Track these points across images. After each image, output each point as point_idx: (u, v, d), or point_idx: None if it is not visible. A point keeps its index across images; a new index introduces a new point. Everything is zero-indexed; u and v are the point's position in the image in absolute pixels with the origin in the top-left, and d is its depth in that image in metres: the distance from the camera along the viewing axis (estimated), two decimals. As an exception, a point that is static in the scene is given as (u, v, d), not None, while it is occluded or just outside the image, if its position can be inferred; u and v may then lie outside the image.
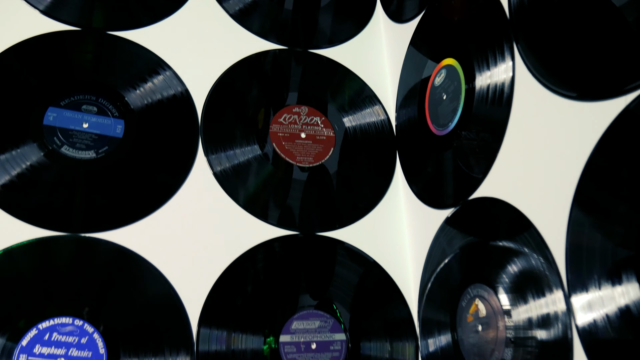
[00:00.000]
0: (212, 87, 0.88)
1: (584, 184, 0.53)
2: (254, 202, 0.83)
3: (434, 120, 0.82)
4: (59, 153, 0.76)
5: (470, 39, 0.75)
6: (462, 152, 0.74)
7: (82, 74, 0.81)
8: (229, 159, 0.84)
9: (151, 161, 0.80)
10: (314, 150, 0.88)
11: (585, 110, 0.54)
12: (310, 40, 0.98)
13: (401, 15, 0.97)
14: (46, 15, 0.84)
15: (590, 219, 0.52)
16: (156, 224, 0.77)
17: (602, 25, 0.54)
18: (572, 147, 0.56)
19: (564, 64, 0.58)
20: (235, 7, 0.95)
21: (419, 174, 0.86)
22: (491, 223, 0.68)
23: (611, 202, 0.49)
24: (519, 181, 0.63)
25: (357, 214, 0.87)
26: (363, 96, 0.96)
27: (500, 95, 0.68)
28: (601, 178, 0.52)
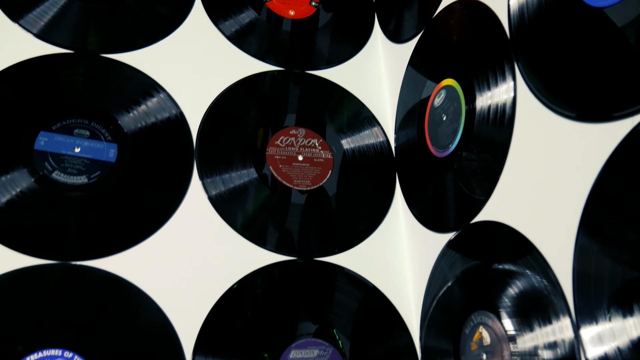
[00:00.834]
0: (207, 109, 0.86)
1: (590, 209, 0.51)
2: (251, 227, 0.80)
3: (434, 142, 0.80)
4: (50, 179, 0.74)
5: (469, 59, 0.74)
6: (463, 173, 0.73)
7: (74, 97, 0.80)
8: (224, 182, 0.82)
9: (145, 186, 0.78)
10: (312, 173, 0.86)
11: (591, 132, 0.52)
12: (308, 61, 0.97)
13: (399, 35, 0.95)
14: (40, 39, 0.82)
15: (597, 245, 0.49)
16: (149, 251, 0.75)
17: (604, 45, 0.53)
18: (578, 169, 0.54)
19: (566, 84, 0.57)
20: (231, 29, 0.94)
21: (419, 197, 0.84)
22: (494, 247, 0.66)
23: (620, 228, 0.47)
24: (522, 204, 0.61)
25: (357, 238, 0.85)
26: (361, 117, 0.94)
27: (501, 116, 0.66)
28: (609, 202, 0.49)
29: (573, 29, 0.56)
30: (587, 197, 0.52)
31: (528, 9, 0.63)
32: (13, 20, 0.82)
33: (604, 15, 0.53)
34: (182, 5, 0.93)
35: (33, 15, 0.84)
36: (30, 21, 0.83)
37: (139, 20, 0.89)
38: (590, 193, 0.51)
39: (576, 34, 0.56)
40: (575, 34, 0.56)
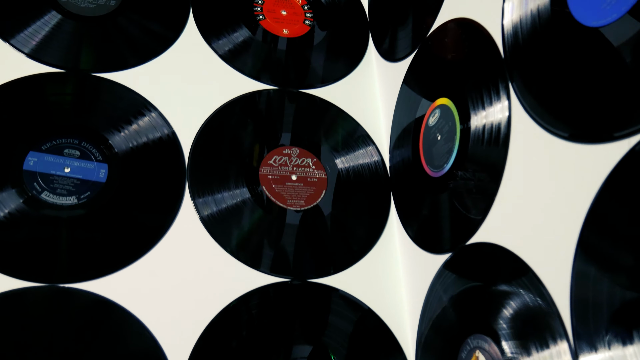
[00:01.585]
0: (200, 128, 0.85)
1: (587, 231, 0.50)
2: (243, 248, 0.79)
3: (429, 162, 0.79)
4: (39, 199, 0.73)
5: (464, 78, 0.73)
6: (459, 192, 0.72)
7: (65, 116, 0.79)
8: (216, 202, 0.81)
9: (135, 207, 0.77)
10: (306, 193, 0.85)
11: (588, 152, 0.52)
12: (303, 79, 0.96)
13: (394, 53, 0.95)
14: (31, 59, 0.82)
15: (595, 268, 0.48)
16: (140, 274, 0.73)
17: (599, 65, 0.52)
18: (575, 190, 0.53)
19: (562, 104, 0.56)
20: (224, 48, 0.94)
21: (414, 217, 0.83)
22: (490, 269, 0.65)
23: (618, 251, 0.46)
24: (519, 226, 0.60)
25: (351, 259, 0.83)
26: (356, 136, 0.93)
27: (496, 136, 0.65)
28: (606, 224, 0.48)
29: (567, 49, 0.56)
30: (584, 219, 0.51)
31: (522, 28, 0.63)
32: (4, 39, 0.81)
33: (599, 35, 0.52)
34: (175, 24, 0.93)
35: (24, 34, 0.83)
36: (22, 41, 0.83)
37: (132, 39, 0.89)
38: (588, 215, 0.50)
39: (571, 53, 0.55)
40: (570, 54, 0.55)
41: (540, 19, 0.60)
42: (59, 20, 0.86)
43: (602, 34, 0.52)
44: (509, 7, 0.65)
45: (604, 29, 0.52)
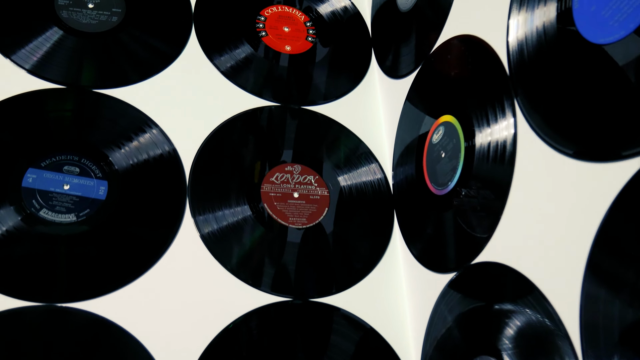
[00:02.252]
0: (201, 145, 0.84)
1: (597, 252, 0.49)
2: (244, 266, 0.78)
3: (433, 179, 0.78)
4: (37, 217, 0.72)
5: (468, 96, 0.72)
6: (463, 210, 0.70)
7: (64, 133, 0.78)
8: (217, 220, 0.80)
9: (135, 225, 0.76)
10: (308, 211, 0.84)
11: (597, 171, 0.51)
12: (305, 96, 0.96)
13: (397, 70, 0.94)
14: (32, 75, 0.81)
15: (605, 291, 0.47)
16: (138, 292, 0.72)
17: (607, 83, 0.51)
18: (584, 210, 0.51)
19: (569, 122, 0.55)
20: (227, 64, 0.93)
21: (418, 236, 0.81)
22: (496, 289, 0.63)
23: (629, 273, 0.45)
24: (526, 245, 0.59)
25: (354, 278, 0.82)
26: (358, 153, 0.93)
27: (502, 153, 0.64)
28: (617, 245, 0.47)
29: (574, 66, 0.55)
30: (594, 239, 0.49)
31: (527, 45, 0.62)
32: (5, 55, 0.81)
33: (606, 52, 0.51)
34: (177, 40, 0.92)
35: (26, 50, 0.83)
36: (23, 57, 0.82)
37: (133, 55, 0.88)
38: (597, 235, 0.49)
39: (577, 70, 0.55)
40: (577, 71, 0.55)
41: (547, 36, 0.59)
42: (60, 37, 0.85)
43: (609, 52, 0.51)
44: (514, 23, 0.65)
45: (611, 46, 0.51)
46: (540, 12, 0.60)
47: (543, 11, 0.60)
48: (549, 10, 0.59)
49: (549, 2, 0.59)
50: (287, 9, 1.03)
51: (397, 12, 0.96)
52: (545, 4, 0.60)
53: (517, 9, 0.65)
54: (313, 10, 1.05)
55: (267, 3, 1.02)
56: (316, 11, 1.05)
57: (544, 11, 0.60)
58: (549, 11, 0.59)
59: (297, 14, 1.03)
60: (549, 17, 0.59)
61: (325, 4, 1.07)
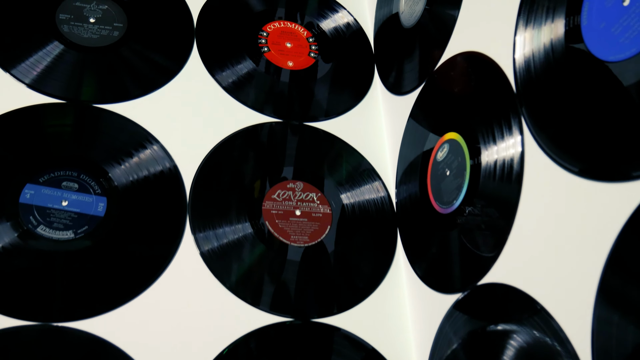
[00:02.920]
0: (202, 161, 0.83)
1: (609, 275, 0.47)
2: (245, 285, 0.76)
3: (437, 198, 0.77)
4: (34, 233, 0.70)
5: (473, 113, 0.71)
6: (467, 229, 0.69)
7: (63, 148, 0.77)
8: (217, 237, 0.78)
9: (134, 242, 0.74)
10: (310, 229, 0.83)
11: (607, 191, 0.49)
12: (307, 112, 0.95)
13: (400, 87, 0.93)
14: (32, 89, 0.80)
15: (619, 316, 0.46)
16: (137, 312, 0.70)
17: (620, 101, 0.50)
18: (595, 230, 0.50)
19: (580, 141, 0.54)
20: (228, 80, 0.93)
21: (422, 255, 0.80)
22: (503, 311, 0.62)
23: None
24: (534, 267, 0.58)
25: (356, 298, 0.80)
26: (361, 170, 0.91)
27: (509, 172, 0.63)
28: (630, 268, 0.46)
29: (583, 83, 0.54)
30: (606, 261, 0.48)
31: (534, 62, 0.61)
32: (5, 70, 0.80)
33: (617, 69, 0.50)
34: (178, 55, 0.92)
35: (26, 65, 0.82)
36: (23, 71, 0.81)
37: (134, 70, 0.87)
38: (609, 257, 0.48)
39: (587, 88, 0.54)
40: (586, 88, 0.54)
41: (554, 53, 0.58)
42: (61, 51, 0.85)
43: (620, 69, 0.50)
44: (521, 40, 0.64)
45: (622, 63, 0.50)
46: (548, 28, 0.59)
47: (551, 28, 0.59)
48: (557, 27, 0.58)
49: (557, 19, 0.58)
50: (290, 25, 1.03)
51: (400, 28, 0.96)
52: (552, 21, 0.59)
53: (523, 25, 0.64)
54: (315, 26, 1.04)
55: (269, 18, 1.02)
56: (319, 27, 1.04)
57: (552, 28, 0.59)
58: (557, 28, 0.58)
59: (300, 29, 1.03)
60: (556, 33, 0.58)
61: (327, 19, 1.06)
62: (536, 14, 0.62)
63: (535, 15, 0.62)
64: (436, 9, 0.85)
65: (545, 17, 0.60)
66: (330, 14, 1.07)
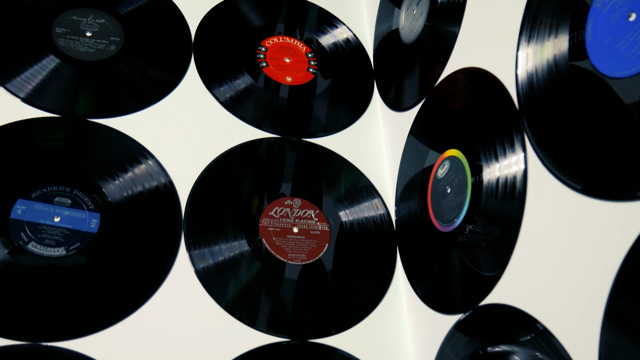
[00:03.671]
0: (198, 177, 0.82)
1: (616, 299, 0.46)
2: (240, 304, 0.74)
3: (438, 216, 0.75)
4: (25, 250, 0.69)
5: (475, 130, 0.70)
6: (469, 248, 0.67)
7: (57, 163, 0.76)
8: (213, 255, 0.76)
9: (127, 260, 0.72)
10: (308, 247, 0.81)
11: (613, 211, 0.48)
12: (305, 128, 0.93)
13: (400, 103, 0.92)
14: (27, 103, 0.79)
15: (628, 341, 0.44)
16: (129, 331, 0.68)
17: (625, 117, 0.49)
18: (602, 251, 0.49)
19: (584, 159, 0.52)
20: (226, 95, 0.91)
21: (423, 275, 0.78)
22: (507, 333, 0.60)
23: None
24: (538, 288, 0.56)
25: (355, 318, 0.78)
26: (360, 187, 0.90)
27: (511, 190, 0.61)
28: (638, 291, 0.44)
29: (589, 100, 0.53)
30: (613, 284, 0.46)
31: (537, 78, 0.60)
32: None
33: (623, 86, 0.49)
34: (176, 70, 0.91)
35: (21, 79, 0.81)
36: (18, 85, 0.80)
37: (131, 85, 0.86)
38: (617, 279, 0.46)
39: (593, 104, 0.52)
40: (592, 105, 0.53)
41: (558, 69, 0.57)
42: (57, 65, 0.84)
43: (626, 85, 0.49)
44: (523, 55, 0.63)
45: (628, 80, 0.49)
46: (551, 44, 0.58)
47: (554, 43, 0.58)
48: (561, 43, 0.57)
49: (561, 34, 0.57)
50: (289, 40, 1.02)
51: (400, 44, 0.95)
52: (556, 36, 0.58)
53: (526, 41, 0.63)
54: (315, 41, 1.03)
55: (268, 33, 1.01)
56: (318, 42, 1.04)
57: (555, 43, 0.58)
58: (561, 43, 0.57)
59: (299, 45, 1.02)
60: (560, 49, 0.57)
61: (327, 35, 1.05)
62: (539, 29, 0.61)
63: (538, 31, 0.61)
64: (436, 25, 0.85)
65: (548, 32, 0.59)
66: (329, 29, 1.06)
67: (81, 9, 0.90)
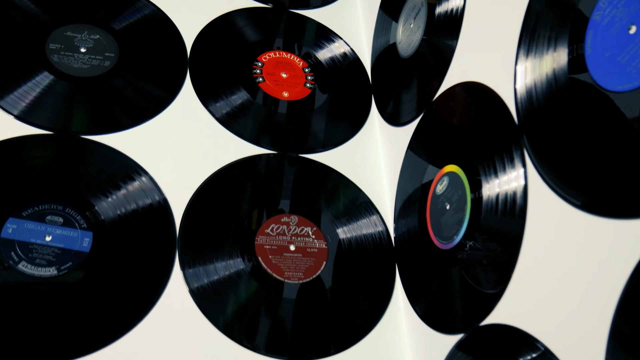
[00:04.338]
0: (193, 194, 0.80)
1: (621, 319, 0.44)
2: (236, 325, 0.73)
3: (437, 233, 0.74)
4: (16, 270, 0.67)
5: (474, 145, 0.69)
6: (469, 264, 0.66)
7: (48, 181, 0.74)
8: (208, 274, 0.75)
9: (119, 280, 0.71)
10: (305, 265, 0.79)
11: (618, 228, 0.46)
12: (303, 144, 0.92)
13: (398, 118, 0.91)
14: (20, 120, 0.78)
15: (635, 363, 0.42)
16: (120, 354, 0.66)
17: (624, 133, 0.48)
18: (606, 270, 0.47)
19: (586, 175, 0.51)
20: (222, 111, 0.90)
21: (422, 293, 0.77)
22: (508, 354, 0.58)
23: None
24: (541, 307, 0.54)
25: (354, 338, 0.76)
26: (358, 204, 0.88)
27: (512, 206, 0.60)
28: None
29: (589, 114, 0.52)
30: (618, 304, 0.45)
31: (537, 92, 0.59)
32: (-9, 101, 0.78)
33: (625, 100, 0.48)
34: (171, 86, 0.90)
35: (14, 96, 0.80)
36: (11, 102, 0.79)
37: (125, 101, 0.85)
38: (621, 299, 0.45)
39: (593, 118, 0.51)
40: (592, 119, 0.51)
41: (557, 83, 0.56)
42: (51, 81, 0.83)
43: (627, 100, 0.48)
44: (522, 69, 0.62)
45: (629, 94, 0.48)
46: (550, 57, 0.57)
47: (553, 57, 0.57)
48: (560, 56, 0.56)
49: (560, 48, 0.56)
50: (285, 55, 1.01)
51: (397, 58, 0.94)
52: (555, 50, 0.57)
53: (524, 54, 0.62)
54: (312, 56, 1.03)
55: (264, 48, 1.00)
56: (315, 57, 1.03)
57: (554, 57, 0.57)
58: (560, 57, 0.56)
59: (296, 59, 1.01)
60: (559, 63, 0.56)
61: (324, 49, 1.05)
62: (537, 42, 0.60)
63: (537, 44, 0.60)
64: (434, 38, 0.84)
65: (547, 46, 0.58)
66: (326, 44, 1.06)
67: (76, 25, 0.89)
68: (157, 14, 0.96)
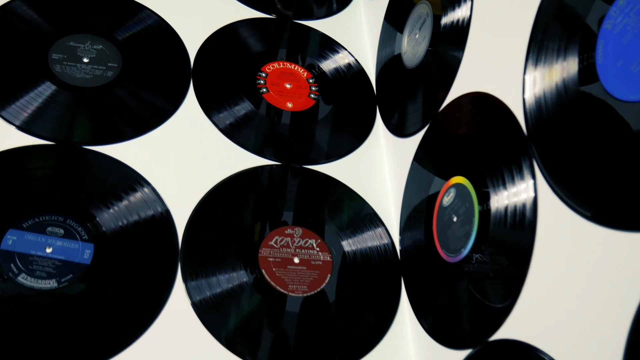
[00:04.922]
0: (196, 206, 0.79)
1: (637, 333, 0.43)
2: (239, 338, 0.71)
3: (444, 245, 0.72)
4: (15, 282, 0.66)
5: (481, 156, 0.68)
6: (476, 278, 0.65)
7: (49, 192, 0.73)
8: (210, 286, 0.74)
9: (120, 293, 0.70)
10: (309, 278, 0.78)
11: (635, 241, 0.45)
12: (307, 155, 0.91)
13: (403, 129, 0.90)
14: (22, 131, 0.77)
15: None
16: (121, 368, 0.65)
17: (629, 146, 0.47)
18: (621, 284, 0.46)
19: (599, 186, 0.50)
20: (225, 121, 0.90)
21: (429, 307, 0.75)
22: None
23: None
24: (552, 322, 0.53)
25: (358, 353, 0.75)
26: (363, 216, 0.87)
27: (521, 219, 0.59)
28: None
29: (600, 124, 0.51)
30: (634, 318, 0.44)
31: (546, 102, 0.58)
32: (-7, 111, 0.77)
33: (637, 110, 0.47)
34: (174, 96, 0.89)
35: (16, 106, 0.79)
36: (13, 112, 0.79)
37: (128, 111, 0.85)
38: (638, 313, 0.43)
39: (604, 129, 0.50)
40: (604, 129, 0.50)
41: (567, 92, 0.55)
42: (53, 92, 0.82)
43: None
44: (530, 79, 0.61)
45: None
46: (560, 67, 0.56)
47: (562, 66, 0.56)
48: (570, 65, 0.55)
49: (569, 57, 0.55)
50: (290, 65, 1.00)
51: (403, 68, 0.93)
52: (565, 59, 0.56)
53: (533, 64, 0.61)
54: (316, 66, 1.02)
55: (268, 59, 1.00)
56: (319, 68, 1.02)
57: (564, 66, 0.56)
58: (570, 66, 0.55)
59: (300, 70, 1.00)
60: (569, 72, 0.55)
61: (328, 60, 1.04)
62: (547, 52, 0.59)
63: (546, 54, 0.59)
64: (440, 49, 0.83)
65: (556, 55, 0.57)
66: (330, 54, 1.05)
67: (78, 35, 0.88)
68: (160, 24, 0.96)
